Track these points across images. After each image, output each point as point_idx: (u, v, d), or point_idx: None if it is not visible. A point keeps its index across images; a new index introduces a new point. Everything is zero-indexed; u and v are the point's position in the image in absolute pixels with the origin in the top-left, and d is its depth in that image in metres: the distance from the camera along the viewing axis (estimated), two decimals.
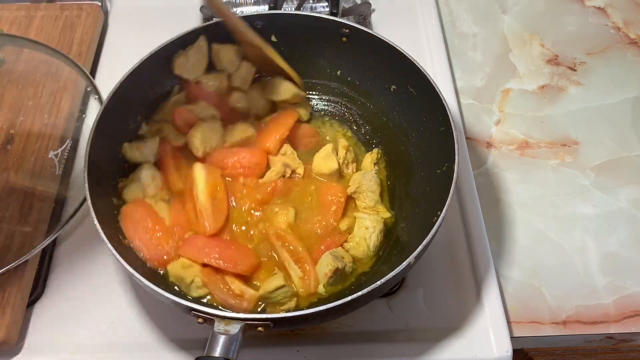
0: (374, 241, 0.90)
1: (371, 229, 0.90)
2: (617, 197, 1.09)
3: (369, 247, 0.90)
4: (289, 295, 0.84)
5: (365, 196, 0.95)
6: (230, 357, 0.68)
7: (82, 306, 0.94)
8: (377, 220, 0.92)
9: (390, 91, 1.03)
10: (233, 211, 0.94)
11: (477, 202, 1.04)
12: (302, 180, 0.99)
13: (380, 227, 0.92)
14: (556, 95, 1.24)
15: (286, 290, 0.83)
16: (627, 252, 1.02)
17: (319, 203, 0.96)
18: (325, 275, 0.85)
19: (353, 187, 0.96)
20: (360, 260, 0.90)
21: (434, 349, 0.88)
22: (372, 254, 0.91)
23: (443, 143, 0.88)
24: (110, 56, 1.29)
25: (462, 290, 0.95)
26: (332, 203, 0.95)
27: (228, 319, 0.71)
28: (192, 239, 0.88)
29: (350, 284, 0.89)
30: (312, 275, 0.85)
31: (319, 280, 0.85)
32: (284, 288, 0.83)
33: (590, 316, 0.95)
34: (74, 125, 1.13)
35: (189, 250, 0.86)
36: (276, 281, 0.83)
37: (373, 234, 0.90)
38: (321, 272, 0.86)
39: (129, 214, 0.89)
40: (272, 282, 0.84)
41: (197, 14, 1.35)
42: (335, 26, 1.01)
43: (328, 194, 0.96)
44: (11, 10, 1.30)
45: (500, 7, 1.41)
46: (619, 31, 1.35)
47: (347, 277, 0.89)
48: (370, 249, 0.90)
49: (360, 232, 0.91)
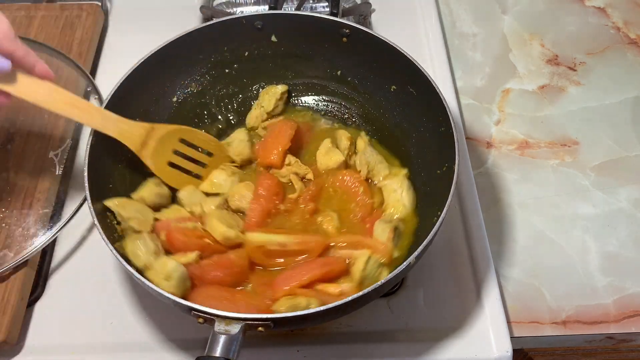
0: (407, 198, 0.93)
1: (399, 190, 0.93)
2: (617, 197, 1.09)
3: (406, 205, 0.92)
4: (378, 266, 0.85)
5: (378, 170, 0.97)
6: (230, 357, 0.68)
7: (82, 306, 0.94)
8: (399, 180, 0.94)
9: (390, 91, 1.03)
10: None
11: (477, 202, 1.04)
12: (319, 182, 1.00)
13: (407, 183, 0.94)
14: (556, 95, 1.24)
15: (375, 261, 0.84)
16: (627, 252, 1.02)
17: (345, 192, 0.98)
18: (388, 238, 0.87)
19: (364, 170, 0.97)
20: (404, 220, 0.92)
21: (434, 349, 0.88)
22: (412, 210, 0.93)
23: (443, 143, 0.88)
24: (110, 56, 1.29)
25: (462, 290, 0.95)
26: (357, 185, 0.96)
27: (228, 319, 0.70)
28: (285, 274, 0.86)
29: (409, 243, 0.89)
30: (379, 245, 0.86)
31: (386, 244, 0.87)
32: (371, 260, 0.84)
33: (590, 316, 0.95)
34: (74, 125, 1.13)
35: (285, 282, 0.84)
36: (362, 258, 0.84)
37: (403, 192, 0.93)
38: (383, 238, 0.87)
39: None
40: (360, 261, 0.84)
41: (197, 14, 1.35)
42: (335, 26, 1.01)
43: (347, 181, 0.98)
44: (11, 10, 1.30)
45: (500, 7, 1.41)
46: (619, 31, 1.35)
47: (404, 237, 0.90)
48: (407, 206, 0.92)
49: (391, 197, 0.93)
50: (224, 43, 1.05)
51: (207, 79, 1.08)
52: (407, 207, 0.93)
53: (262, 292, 0.85)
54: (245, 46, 1.07)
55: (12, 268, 0.91)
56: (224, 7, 1.40)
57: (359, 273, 0.83)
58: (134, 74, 0.94)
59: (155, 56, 0.97)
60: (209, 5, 1.38)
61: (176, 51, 1.00)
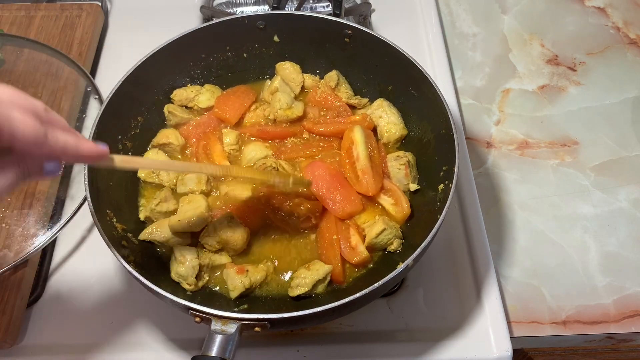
0: (393, 117, 1.00)
1: (384, 115, 1.01)
2: (617, 197, 1.09)
3: (395, 122, 1.00)
4: (392, 237, 0.88)
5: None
6: (226, 357, 0.68)
7: (82, 306, 0.94)
8: (378, 105, 1.02)
9: (391, 92, 1.03)
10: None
11: (477, 202, 1.04)
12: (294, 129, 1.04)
13: (386, 104, 1.01)
14: (556, 95, 1.24)
15: (389, 232, 0.88)
16: (627, 252, 1.02)
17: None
18: (405, 175, 0.94)
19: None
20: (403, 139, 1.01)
21: (434, 349, 0.89)
22: (402, 125, 1.00)
23: (443, 144, 0.88)
24: (110, 56, 1.29)
25: (462, 290, 0.95)
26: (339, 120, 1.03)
27: (225, 319, 0.71)
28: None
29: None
30: (401, 198, 0.92)
31: (404, 187, 0.95)
32: (386, 231, 0.88)
33: (590, 316, 0.95)
34: (74, 125, 1.13)
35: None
36: (378, 226, 0.88)
37: (388, 113, 1.00)
38: (400, 176, 0.94)
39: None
40: (374, 228, 0.88)
41: (197, 14, 1.35)
42: (338, 27, 1.01)
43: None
44: (11, 10, 1.30)
45: (500, 7, 1.41)
46: (619, 31, 1.35)
47: (414, 168, 0.97)
48: (397, 123, 1.00)
49: (381, 123, 1.01)
50: (226, 43, 1.05)
51: (209, 78, 1.08)
52: (397, 123, 1.00)
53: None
54: (247, 46, 1.07)
55: (12, 268, 0.91)
56: (224, 7, 1.40)
57: (369, 239, 0.88)
58: (134, 73, 0.94)
59: (155, 56, 0.97)
60: (209, 5, 1.38)
61: (179, 50, 1.00)
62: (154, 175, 0.97)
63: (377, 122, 1.01)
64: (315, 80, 1.08)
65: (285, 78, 1.07)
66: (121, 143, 0.96)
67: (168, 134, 1.00)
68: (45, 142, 0.57)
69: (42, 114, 0.58)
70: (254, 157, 0.98)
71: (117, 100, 0.92)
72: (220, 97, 1.05)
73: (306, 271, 0.85)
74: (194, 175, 0.95)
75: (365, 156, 0.93)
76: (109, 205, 0.87)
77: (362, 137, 0.95)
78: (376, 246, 0.89)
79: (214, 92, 1.05)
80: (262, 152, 0.98)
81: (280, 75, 1.07)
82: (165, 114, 1.03)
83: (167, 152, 1.00)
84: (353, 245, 0.88)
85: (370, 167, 0.93)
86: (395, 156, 0.97)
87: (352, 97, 1.05)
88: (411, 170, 0.96)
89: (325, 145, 1.00)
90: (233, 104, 1.04)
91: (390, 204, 0.93)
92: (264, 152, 0.99)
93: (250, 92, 1.07)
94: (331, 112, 1.04)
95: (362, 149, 0.94)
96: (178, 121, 1.03)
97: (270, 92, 1.06)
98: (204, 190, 0.95)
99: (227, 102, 1.04)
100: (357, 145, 0.95)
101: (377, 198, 0.94)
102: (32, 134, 0.55)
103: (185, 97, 1.04)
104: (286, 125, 1.03)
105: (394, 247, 0.89)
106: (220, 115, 1.03)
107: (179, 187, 0.96)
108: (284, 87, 1.06)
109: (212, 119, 1.03)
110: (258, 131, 1.02)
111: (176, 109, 1.03)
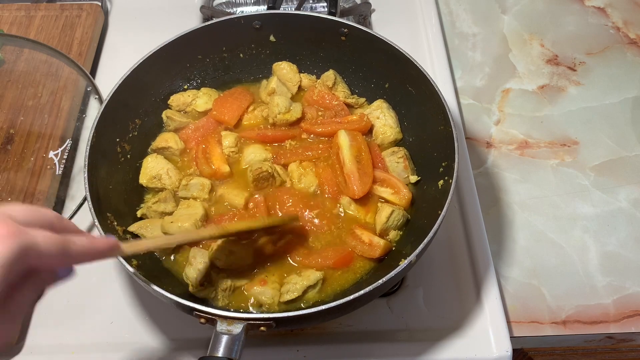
0: (390, 119, 1.01)
1: (381, 116, 1.01)
2: (616, 197, 1.09)
3: (391, 125, 1.01)
4: (401, 217, 0.90)
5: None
6: (233, 357, 0.68)
7: (82, 306, 0.94)
8: (377, 106, 1.02)
9: (390, 91, 1.03)
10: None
11: (477, 202, 1.04)
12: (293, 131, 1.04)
13: (385, 106, 1.02)
14: (556, 95, 1.24)
15: (397, 214, 0.90)
16: (627, 252, 1.02)
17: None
18: (405, 167, 0.96)
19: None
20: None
21: (434, 349, 0.89)
22: (398, 129, 1.01)
23: (443, 143, 0.88)
24: (110, 56, 1.29)
25: (462, 290, 0.95)
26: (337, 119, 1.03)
27: (230, 319, 0.70)
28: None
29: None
30: (399, 186, 0.94)
31: (404, 180, 0.96)
32: (395, 212, 0.90)
33: (590, 316, 0.95)
34: (74, 125, 1.13)
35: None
36: (385, 211, 0.90)
37: (385, 115, 1.01)
38: (400, 169, 0.96)
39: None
40: (382, 214, 0.90)
41: (197, 14, 1.35)
42: (334, 25, 1.01)
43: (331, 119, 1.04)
44: (11, 10, 1.30)
45: (500, 7, 1.41)
46: (618, 31, 1.35)
47: (410, 161, 0.98)
48: (393, 125, 1.01)
49: (377, 124, 1.01)
50: (222, 43, 1.06)
51: (206, 80, 1.08)
52: (394, 126, 1.01)
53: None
54: (243, 46, 1.07)
55: None
56: (223, 7, 1.40)
57: (380, 225, 0.89)
58: (134, 73, 0.95)
59: (155, 56, 0.97)
60: (209, 5, 1.38)
61: (176, 51, 1.00)
62: (155, 180, 0.96)
63: (374, 123, 1.01)
64: (312, 80, 1.08)
65: (282, 78, 1.07)
66: (119, 146, 0.96)
67: (167, 137, 1.00)
68: (68, 252, 0.55)
69: (56, 224, 0.56)
70: (254, 159, 0.98)
71: (117, 100, 0.92)
72: (218, 99, 1.05)
73: (297, 277, 0.85)
74: (198, 182, 0.95)
75: (350, 159, 0.94)
76: (109, 209, 0.87)
77: (346, 141, 0.96)
78: (388, 231, 0.90)
79: (211, 95, 1.05)
80: (262, 155, 0.98)
81: (277, 76, 1.07)
82: (163, 120, 1.03)
83: (166, 156, 0.99)
84: (367, 241, 0.89)
85: (356, 170, 0.93)
86: (390, 152, 0.98)
87: (349, 97, 1.05)
88: (409, 163, 0.97)
89: (323, 146, 1.00)
90: (231, 105, 1.03)
91: (390, 193, 0.94)
92: (263, 155, 0.98)
93: (247, 93, 1.07)
94: (329, 112, 1.04)
95: (347, 153, 0.95)
96: (177, 126, 1.03)
97: (268, 92, 1.06)
98: (206, 199, 0.94)
99: (224, 104, 1.03)
100: (342, 149, 0.95)
101: (373, 192, 0.94)
102: (56, 248, 0.53)
103: (183, 101, 1.04)
104: (285, 128, 1.02)
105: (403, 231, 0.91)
106: (219, 117, 1.03)
107: (181, 191, 0.95)
108: (281, 87, 1.06)
109: (210, 122, 1.03)
110: (257, 135, 1.02)
111: (174, 114, 1.03)
